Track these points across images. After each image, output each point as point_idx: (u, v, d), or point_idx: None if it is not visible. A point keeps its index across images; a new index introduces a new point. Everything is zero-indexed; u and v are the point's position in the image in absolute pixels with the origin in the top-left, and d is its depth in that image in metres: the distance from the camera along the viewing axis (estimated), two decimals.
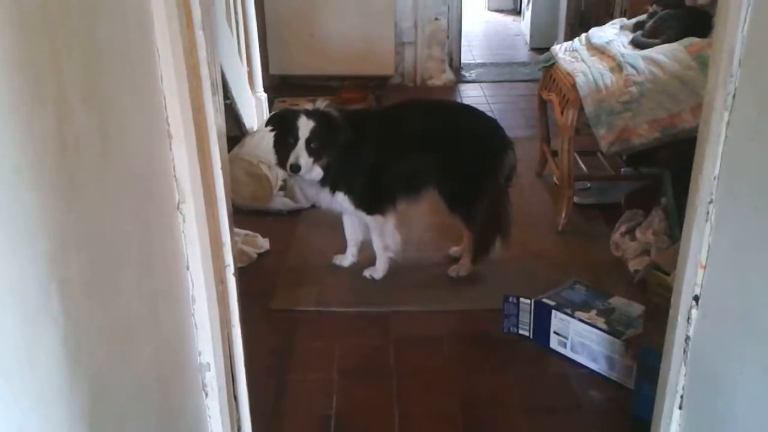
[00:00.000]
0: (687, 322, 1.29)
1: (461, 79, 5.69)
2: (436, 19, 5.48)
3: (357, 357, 2.36)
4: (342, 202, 2.67)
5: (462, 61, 5.95)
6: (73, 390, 0.93)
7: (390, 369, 2.29)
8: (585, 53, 3.22)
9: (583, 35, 3.47)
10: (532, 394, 2.17)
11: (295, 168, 2.49)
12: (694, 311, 1.27)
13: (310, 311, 2.63)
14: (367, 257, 2.87)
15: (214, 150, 1.40)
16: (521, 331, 2.42)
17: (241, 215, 3.04)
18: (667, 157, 2.95)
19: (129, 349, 1.14)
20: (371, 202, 2.69)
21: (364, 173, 2.64)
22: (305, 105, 2.73)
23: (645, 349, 1.90)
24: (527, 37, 6.78)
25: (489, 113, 3.27)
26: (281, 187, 3.45)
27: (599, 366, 2.22)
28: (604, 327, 2.21)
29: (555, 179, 3.43)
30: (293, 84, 5.34)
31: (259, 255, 2.98)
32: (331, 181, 2.62)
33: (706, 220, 1.21)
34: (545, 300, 2.36)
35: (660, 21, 3.16)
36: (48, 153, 0.87)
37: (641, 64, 2.89)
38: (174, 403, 1.37)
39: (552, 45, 3.64)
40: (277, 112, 3.23)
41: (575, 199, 3.23)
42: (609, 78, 2.92)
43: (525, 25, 6.99)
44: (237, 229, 2.59)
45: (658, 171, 3.03)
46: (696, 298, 1.26)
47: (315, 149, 2.51)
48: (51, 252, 0.87)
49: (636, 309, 2.25)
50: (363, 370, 2.30)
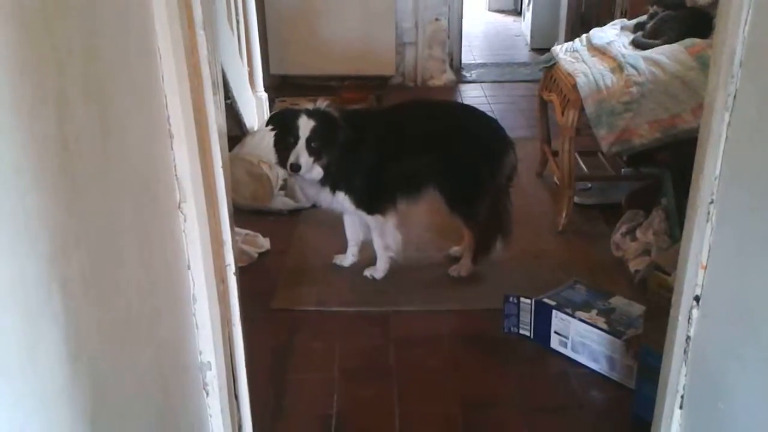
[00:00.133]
0: (687, 322, 1.29)
1: (462, 80, 5.69)
2: (436, 20, 5.48)
3: (358, 357, 2.36)
4: (342, 201, 2.67)
5: (462, 62, 5.95)
6: (75, 390, 0.93)
7: (390, 369, 2.29)
8: (586, 54, 3.22)
9: (584, 36, 3.47)
10: (532, 393, 2.17)
11: (296, 167, 2.49)
12: (694, 311, 1.27)
13: (310, 311, 2.63)
14: (368, 257, 2.87)
15: (214, 149, 1.40)
16: (522, 331, 2.42)
17: (242, 215, 3.04)
18: (668, 158, 2.95)
19: (130, 349, 1.14)
20: (372, 201, 2.69)
21: (364, 173, 2.64)
22: (306, 105, 2.73)
23: (645, 349, 1.90)
24: (528, 38, 6.78)
25: (489, 113, 3.27)
26: (282, 187, 3.45)
27: (600, 366, 2.22)
28: (604, 327, 2.21)
29: (555, 179, 3.43)
30: (294, 84, 5.34)
31: (260, 254, 2.98)
32: (332, 181, 2.62)
33: (706, 220, 1.21)
34: (546, 300, 2.36)
35: (661, 22, 3.16)
36: (49, 152, 0.87)
37: (642, 64, 2.89)
38: (175, 403, 1.37)
39: (552, 45, 3.64)
40: (278, 111, 3.23)
41: (576, 200, 3.23)
42: (610, 78, 2.92)
43: (525, 26, 6.99)
44: (238, 229, 2.59)
45: (658, 171, 3.03)
46: (697, 298, 1.26)
47: (315, 149, 2.51)
48: (52, 251, 0.87)
49: (636, 309, 2.25)
50: (364, 369, 2.30)
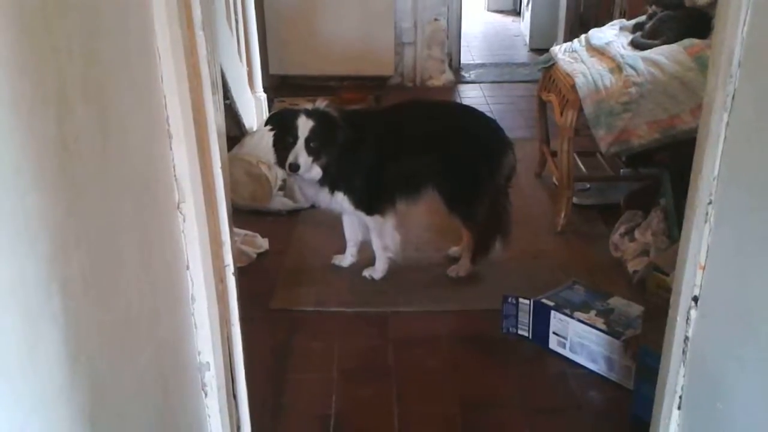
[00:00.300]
0: (686, 322, 1.29)
1: (461, 80, 5.70)
2: (435, 20, 5.48)
3: (356, 357, 2.36)
4: (341, 202, 2.67)
5: (461, 62, 5.95)
6: (74, 390, 0.93)
7: (389, 369, 2.29)
8: (584, 54, 3.23)
9: (583, 36, 3.47)
10: (531, 394, 2.17)
11: (295, 167, 2.49)
12: (693, 312, 1.27)
13: (309, 311, 2.63)
14: (367, 257, 2.87)
15: (214, 150, 1.40)
16: (520, 332, 2.42)
17: (241, 215, 3.04)
18: (667, 158, 2.96)
19: (129, 349, 1.14)
20: (370, 202, 2.69)
21: (363, 173, 2.64)
22: (305, 105, 2.73)
23: (644, 350, 1.90)
24: (527, 38, 6.78)
25: (488, 114, 3.27)
26: (280, 187, 3.45)
27: (598, 366, 2.22)
28: (603, 327, 2.21)
29: (554, 180, 3.43)
30: (293, 84, 5.35)
31: (259, 255, 2.98)
32: (331, 181, 2.62)
33: (705, 220, 1.21)
34: (544, 300, 2.36)
35: (659, 22, 3.17)
36: (49, 153, 0.87)
37: (641, 65, 2.89)
38: (174, 403, 1.37)
39: (551, 46, 3.64)
40: (277, 111, 3.23)
41: (574, 200, 3.23)
42: (608, 79, 2.93)
43: (524, 26, 7.00)
44: (236, 229, 2.59)
45: (657, 172, 3.03)
46: (695, 298, 1.27)
47: (314, 149, 2.51)
48: (52, 252, 0.87)
49: (635, 309, 2.25)
50: (362, 370, 2.30)
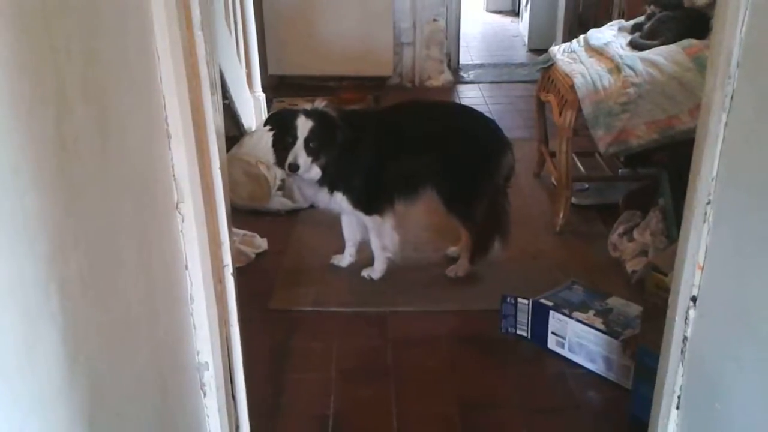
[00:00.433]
0: (684, 322, 1.29)
1: (459, 80, 5.70)
2: (434, 20, 5.49)
3: (355, 357, 2.36)
4: (340, 202, 2.67)
5: (460, 62, 5.95)
6: (73, 390, 0.93)
7: (388, 369, 2.29)
8: (583, 54, 3.23)
9: (582, 37, 3.48)
10: (529, 394, 2.17)
11: (294, 167, 2.49)
12: (691, 312, 1.28)
13: (308, 311, 2.63)
14: (365, 257, 2.87)
15: (212, 150, 1.40)
16: (519, 332, 2.42)
17: (240, 215, 3.04)
18: (665, 158, 2.96)
19: (128, 349, 1.14)
20: (369, 202, 2.69)
21: (362, 173, 2.64)
22: (304, 105, 2.73)
23: (642, 350, 1.90)
24: (525, 39, 6.79)
25: (487, 114, 3.27)
26: (279, 187, 3.45)
27: (597, 366, 2.22)
28: (601, 327, 2.21)
29: (553, 180, 3.43)
30: (291, 84, 5.35)
31: (258, 255, 2.98)
32: (330, 181, 2.62)
33: (703, 221, 1.21)
34: (543, 300, 2.36)
35: (658, 23, 3.17)
36: (47, 153, 0.86)
37: (639, 65, 2.89)
38: (172, 403, 1.37)
39: (550, 46, 3.64)
40: (276, 111, 3.23)
41: (573, 200, 3.23)
42: (607, 79, 2.93)
43: (523, 27, 7.00)
44: (235, 229, 2.59)
45: (655, 172, 3.03)
46: (693, 298, 1.27)
47: (313, 149, 2.51)
48: (50, 252, 0.87)
49: (634, 309, 2.25)
50: (361, 370, 2.30)
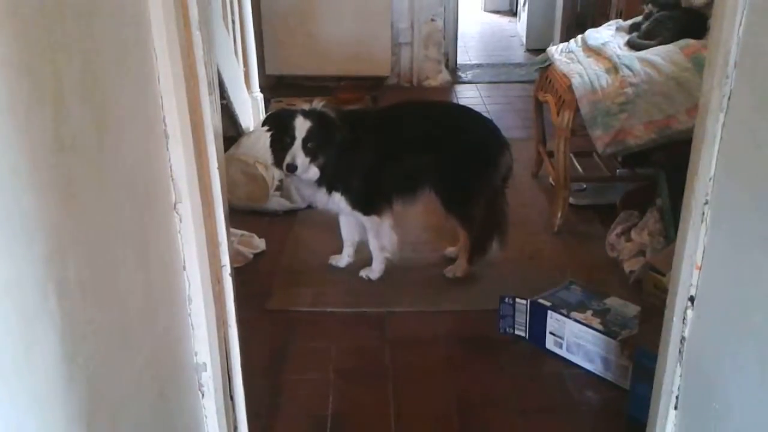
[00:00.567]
0: (682, 322, 1.29)
1: (457, 80, 5.70)
2: (432, 20, 5.49)
3: (353, 357, 2.36)
4: (338, 202, 2.67)
5: (458, 62, 5.96)
6: (70, 390, 0.93)
7: (386, 369, 2.29)
8: (581, 54, 3.23)
9: (579, 36, 3.48)
10: (527, 394, 2.17)
11: (292, 168, 2.49)
12: (689, 312, 1.28)
13: (306, 311, 2.62)
14: (364, 258, 2.87)
15: (210, 150, 1.40)
16: (517, 332, 2.42)
17: (238, 215, 3.03)
18: (663, 158, 2.96)
19: (126, 349, 1.14)
20: (368, 202, 2.68)
21: (360, 173, 2.64)
22: (302, 105, 2.72)
23: (640, 350, 1.90)
24: (523, 39, 6.80)
25: (485, 114, 3.28)
26: (277, 188, 3.45)
27: (595, 366, 2.23)
28: (599, 327, 2.21)
29: (551, 180, 3.44)
30: (289, 84, 5.34)
31: (255, 255, 2.98)
32: (328, 181, 2.61)
33: (701, 221, 1.22)
34: (541, 300, 2.36)
35: (656, 22, 3.17)
36: (45, 153, 0.87)
37: (637, 65, 2.90)
38: (170, 403, 1.36)
39: (548, 46, 3.64)
40: (274, 111, 3.22)
41: (571, 200, 3.23)
42: (605, 79, 2.93)
43: (521, 27, 7.01)
44: (233, 230, 2.58)
45: (653, 172, 3.04)
46: (691, 298, 1.27)
47: (311, 149, 2.51)
48: (48, 252, 0.87)
49: (631, 309, 2.26)
50: (359, 370, 2.30)
